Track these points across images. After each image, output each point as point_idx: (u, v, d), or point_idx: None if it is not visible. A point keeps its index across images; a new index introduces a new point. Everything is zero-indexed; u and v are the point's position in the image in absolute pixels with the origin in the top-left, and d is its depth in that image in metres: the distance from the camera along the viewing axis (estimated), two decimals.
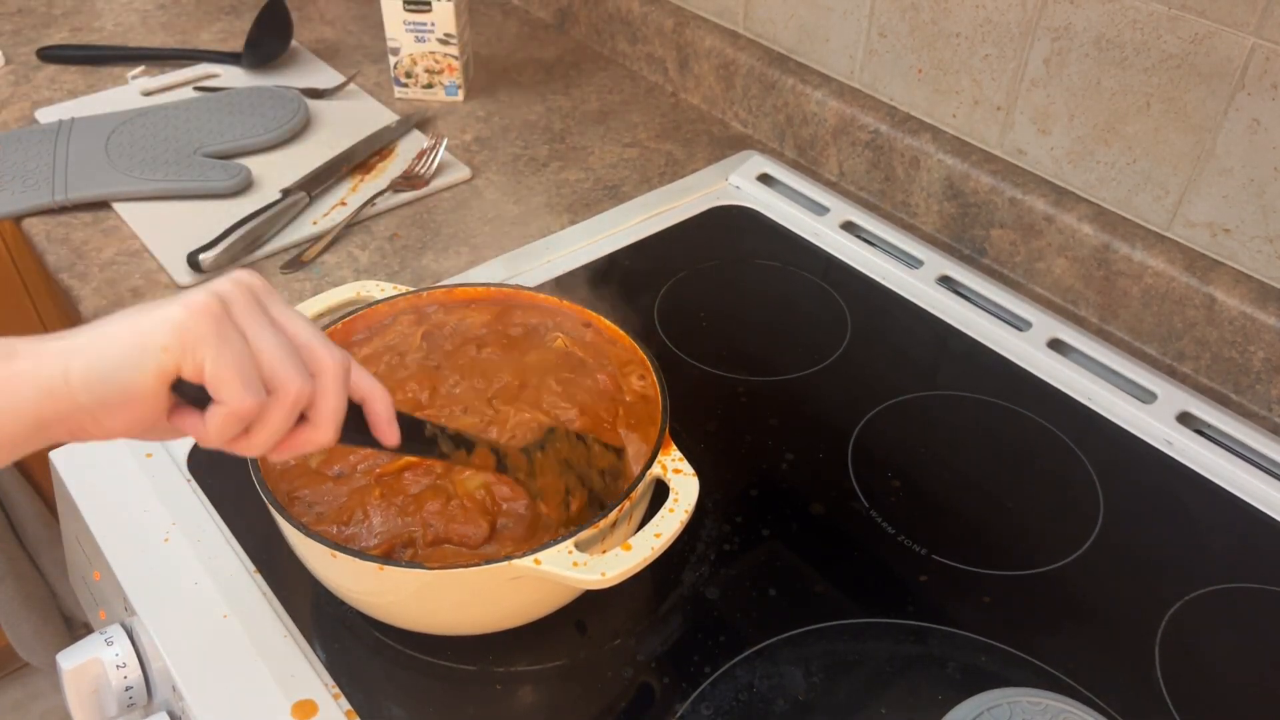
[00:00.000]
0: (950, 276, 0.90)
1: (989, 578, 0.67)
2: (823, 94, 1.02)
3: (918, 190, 0.98)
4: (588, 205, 1.00)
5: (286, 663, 0.60)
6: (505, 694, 0.60)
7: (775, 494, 0.72)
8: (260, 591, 0.64)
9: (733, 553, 0.68)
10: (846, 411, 0.78)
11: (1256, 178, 0.76)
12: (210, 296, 0.42)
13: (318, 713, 0.57)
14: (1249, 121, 0.75)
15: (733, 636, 0.63)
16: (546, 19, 1.34)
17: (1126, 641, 0.64)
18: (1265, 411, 0.80)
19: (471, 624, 0.61)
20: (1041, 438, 0.77)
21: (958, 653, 0.62)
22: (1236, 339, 0.80)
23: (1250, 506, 0.72)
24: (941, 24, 0.92)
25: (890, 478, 0.73)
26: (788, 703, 0.59)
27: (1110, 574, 0.68)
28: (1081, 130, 0.85)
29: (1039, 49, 0.85)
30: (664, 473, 0.59)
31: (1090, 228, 0.86)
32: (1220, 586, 0.67)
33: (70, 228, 0.94)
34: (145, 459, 0.71)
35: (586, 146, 1.09)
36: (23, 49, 1.21)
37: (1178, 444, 0.76)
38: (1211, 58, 0.75)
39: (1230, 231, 0.80)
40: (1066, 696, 0.58)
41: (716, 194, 1.01)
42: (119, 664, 0.61)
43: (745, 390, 0.80)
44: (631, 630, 0.63)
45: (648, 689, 0.60)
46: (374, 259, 0.92)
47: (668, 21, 1.15)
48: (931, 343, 0.86)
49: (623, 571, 0.54)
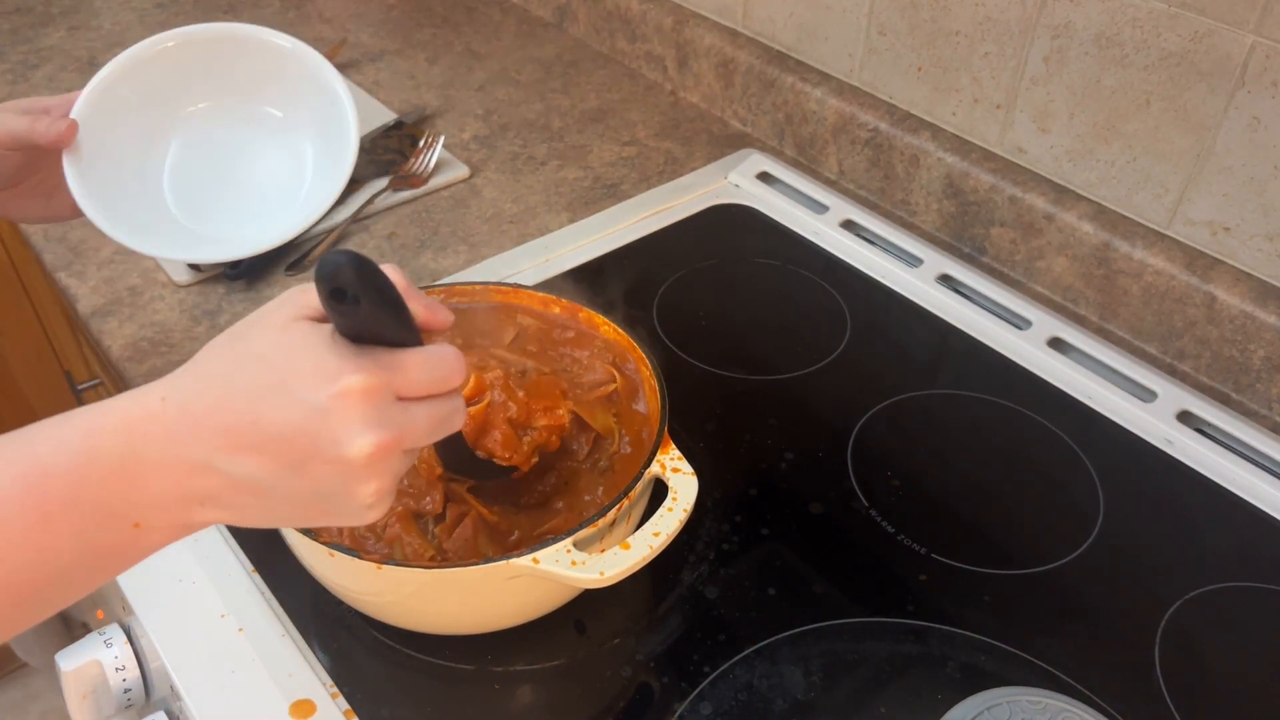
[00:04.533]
0: (950, 275, 0.90)
1: (989, 577, 0.67)
2: (822, 92, 1.02)
3: (917, 189, 0.98)
4: (587, 204, 1.00)
5: (285, 663, 0.60)
6: (504, 693, 0.60)
7: (775, 493, 0.72)
8: (259, 591, 0.63)
9: (732, 552, 0.68)
10: (846, 411, 0.78)
11: (1256, 176, 0.76)
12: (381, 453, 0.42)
13: (316, 712, 0.57)
14: (1249, 119, 0.75)
15: (732, 636, 0.63)
16: (545, 17, 1.34)
17: (1126, 640, 0.64)
18: (1265, 410, 0.80)
19: (470, 623, 0.61)
20: (1041, 437, 0.77)
21: (957, 652, 0.62)
22: (1236, 337, 0.79)
23: (1250, 505, 0.72)
24: (941, 22, 0.92)
25: (890, 477, 0.73)
26: (787, 702, 0.59)
27: (1110, 573, 0.68)
28: (1081, 128, 0.85)
29: (1039, 47, 0.85)
30: (663, 472, 0.59)
31: (1090, 226, 0.85)
32: (1220, 585, 0.67)
33: (68, 226, 0.94)
34: None
35: (585, 145, 1.09)
36: (20, 48, 1.21)
37: (1178, 443, 0.76)
38: (1212, 56, 0.75)
39: (1230, 230, 0.80)
40: (1066, 696, 0.58)
41: (716, 192, 1.01)
42: (117, 665, 0.61)
43: (744, 389, 0.80)
44: (630, 630, 0.63)
45: (647, 689, 0.60)
46: (373, 258, 0.92)
47: (667, 20, 1.15)
48: (931, 342, 0.86)
49: (621, 571, 0.54)
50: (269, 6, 1.33)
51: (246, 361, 0.42)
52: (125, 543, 0.41)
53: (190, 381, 0.42)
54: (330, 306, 0.41)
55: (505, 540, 0.59)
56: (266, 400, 0.41)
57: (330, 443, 0.41)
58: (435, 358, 0.44)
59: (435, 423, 0.45)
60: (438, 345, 0.45)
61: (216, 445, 0.40)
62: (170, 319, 0.84)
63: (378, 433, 0.41)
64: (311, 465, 0.41)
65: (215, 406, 0.41)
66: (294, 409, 0.40)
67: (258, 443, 0.40)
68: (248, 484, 0.41)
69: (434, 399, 0.45)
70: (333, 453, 0.41)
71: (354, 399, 0.41)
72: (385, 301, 0.42)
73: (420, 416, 0.44)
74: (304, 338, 0.42)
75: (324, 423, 0.41)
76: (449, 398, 0.46)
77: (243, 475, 0.41)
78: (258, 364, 0.41)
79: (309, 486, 0.42)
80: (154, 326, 0.84)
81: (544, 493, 0.62)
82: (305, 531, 0.55)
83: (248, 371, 0.41)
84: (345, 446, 0.41)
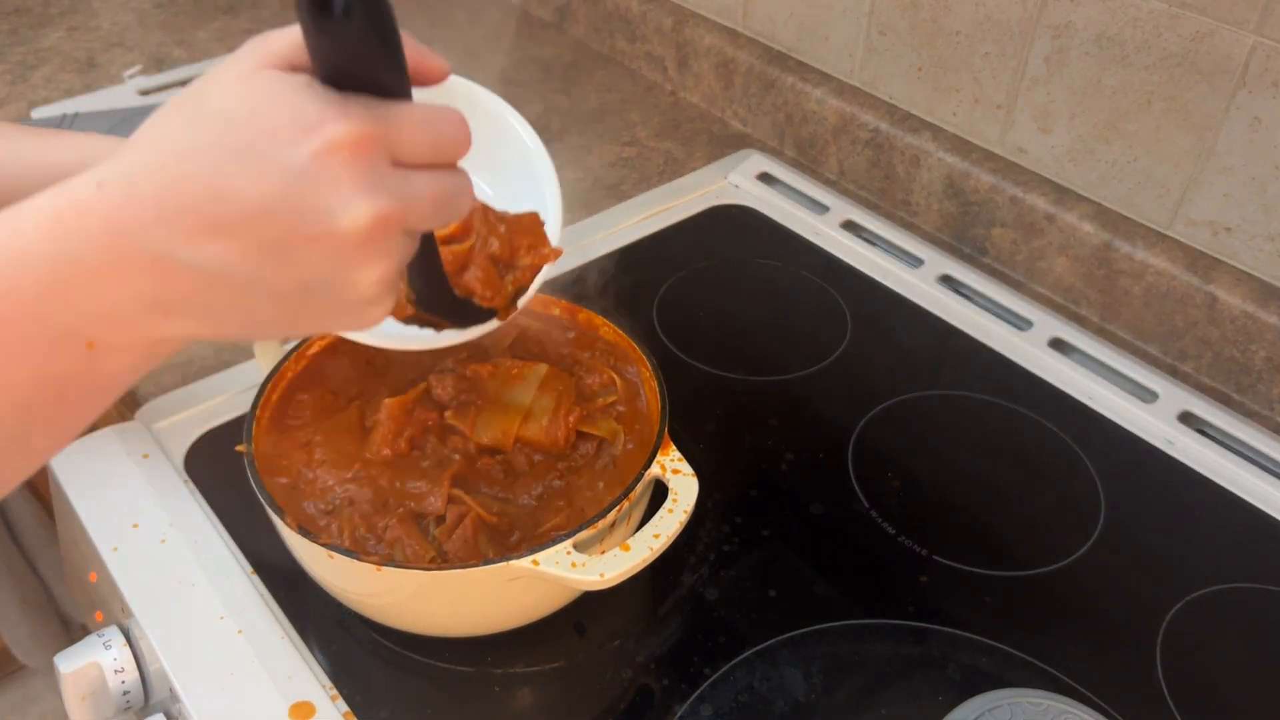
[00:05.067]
0: (951, 276, 0.90)
1: (990, 578, 0.67)
2: (822, 92, 1.02)
3: (918, 189, 0.97)
4: (586, 204, 1.00)
5: (284, 664, 0.59)
6: (503, 695, 0.60)
7: (775, 494, 0.72)
8: (258, 593, 0.63)
9: (732, 553, 0.67)
10: (846, 411, 0.78)
11: (1258, 176, 0.76)
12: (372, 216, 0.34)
13: (315, 714, 0.57)
14: (1250, 119, 0.75)
15: (732, 638, 0.62)
16: (545, 17, 1.33)
17: (1128, 642, 0.64)
18: (1267, 411, 0.80)
19: (470, 625, 0.61)
20: (1042, 437, 0.77)
21: (958, 653, 0.62)
22: (1238, 338, 0.79)
23: (1252, 506, 0.72)
24: (941, 22, 0.91)
25: (890, 478, 0.73)
26: (788, 704, 0.59)
27: (1111, 574, 0.67)
28: (1082, 129, 0.85)
29: (1039, 47, 0.85)
30: (663, 473, 0.59)
31: (1091, 226, 0.85)
32: (1222, 586, 0.67)
33: None
34: (142, 459, 0.70)
35: (585, 145, 1.09)
36: (19, 48, 1.21)
37: (1179, 443, 0.76)
38: (1212, 56, 0.75)
39: (1231, 230, 0.79)
40: (1067, 697, 0.58)
41: (716, 193, 1.00)
42: (116, 667, 0.61)
43: (745, 390, 0.80)
44: (630, 631, 0.63)
45: (647, 690, 0.60)
46: None
47: (667, 20, 1.15)
48: (932, 342, 0.86)
49: (622, 572, 0.54)
50: (268, 7, 1.33)
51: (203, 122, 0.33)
52: (82, 368, 0.34)
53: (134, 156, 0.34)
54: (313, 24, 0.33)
55: (505, 541, 0.59)
56: (232, 166, 0.33)
57: (317, 212, 0.33)
58: (437, 114, 0.36)
59: (440, 200, 0.36)
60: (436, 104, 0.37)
61: (173, 231, 0.33)
62: None
63: (374, 198, 0.34)
64: (295, 245, 0.34)
65: (168, 183, 0.33)
66: (268, 174, 0.33)
67: (225, 222, 0.33)
68: (218, 278, 0.34)
69: (437, 169, 0.36)
70: (321, 226, 0.33)
71: (343, 154, 0.33)
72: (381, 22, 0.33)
73: (423, 187, 0.36)
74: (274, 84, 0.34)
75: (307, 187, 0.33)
76: (453, 171, 0.37)
77: (211, 267, 0.33)
78: (217, 122, 0.33)
79: (294, 275, 0.34)
80: None
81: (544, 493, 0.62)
82: (304, 533, 0.55)
83: (206, 134, 0.33)
84: (336, 216, 0.33)
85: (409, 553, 0.57)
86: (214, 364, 0.78)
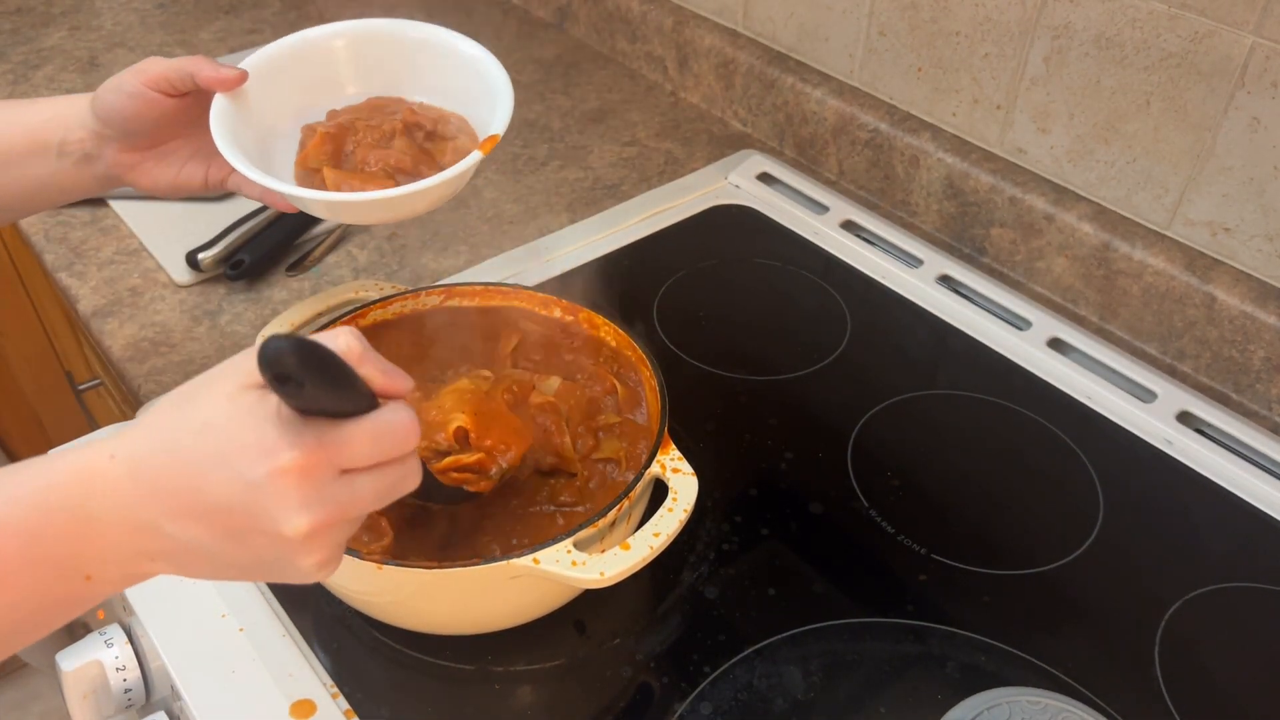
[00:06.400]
0: (950, 275, 0.90)
1: (989, 577, 0.67)
2: (822, 93, 1.02)
3: (917, 189, 0.98)
4: (587, 204, 1.00)
5: (285, 663, 0.60)
6: (504, 694, 0.60)
7: (774, 493, 0.72)
8: (259, 591, 0.63)
9: (732, 552, 0.68)
10: (846, 411, 0.78)
11: (1256, 176, 0.76)
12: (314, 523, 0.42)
13: (316, 712, 0.57)
14: (1249, 120, 0.75)
15: (732, 636, 0.63)
16: (546, 18, 1.34)
17: (1126, 641, 0.64)
18: (1265, 411, 0.80)
19: (470, 623, 0.61)
20: (1041, 437, 0.77)
21: (957, 652, 0.62)
22: (1236, 338, 0.79)
23: (1250, 506, 0.72)
24: (941, 22, 0.92)
25: (890, 477, 0.73)
26: (787, 702, 0.59)
27: (1110, 573, 0.68)
28: (1081, 129, 0.85)
29: (1039, 47, 0.85)
30: (663, 472, 0.59)
31: (1090, 227, 0.86)
32: (1220, 586, 0.67)
33: (69, 226, 0.94)
34: None
35: (586, 145, 1.09)
36: (21, 48, 1.21)
37: (1177, 443, 0.76)
38: (1211, 56, 0.75)
39: (1230, 230, 0.80)
40: (1066, 696, 0.58)
41: (716, 193, 1.01)
42: (118, 665, 0.61)
43: (745, 389, 0.80)
44: (630, 630, 0.63)
45: (647, 688, 0.60)
46: (373, 258, 0.92)
47: (667, 20, 1.15)
48: (931, 342, 0.86)
49: (622, 571, 0.54)
50: (269, 6, 1.33)
51: (192, 427, 0.42)
52: (77, 593, 0.43)
53: (140, 441, 0.43)
54: (274, 389, 0.41)
55: (506, 540, 0.59)
56: (209, 470, 0.41)
57: (267, 519, 0.41)
58: (384, 427, 0.43)
59: (381, 492, 0.44)
60: (390, 409, 0.43)
61: (162, 509, 0.41)
62: (171, 319, 0.84)
63: (313, 512, 0.41)
64: (251, 537, 0.42)
65: (161, 471, 0.42)
66: (234, 482, 0.41)
67: (200, 511, 0.41)
68: (191, 546, 0.42)
69: (382, 467, 0.44)
70: (271, 527, 0.41)
71: (291, 478, 0.41)
72: (329, 381, 0.41)
73: (365, 488, 0.43)
74: (249, 409, 0.41)
75: (261, 499, 0.41)
76: (398, 463, 0.44)
77: (187, 540, 0.42)
78: (203, 432, 0.42)
79: (251, 554, 0.43)
80: (154, 327, 0.84)
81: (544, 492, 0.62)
82: None
83: (192, 438, 0.42)
84: (280, 524, 0.41)
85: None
86: (215, 363, 0.78)
